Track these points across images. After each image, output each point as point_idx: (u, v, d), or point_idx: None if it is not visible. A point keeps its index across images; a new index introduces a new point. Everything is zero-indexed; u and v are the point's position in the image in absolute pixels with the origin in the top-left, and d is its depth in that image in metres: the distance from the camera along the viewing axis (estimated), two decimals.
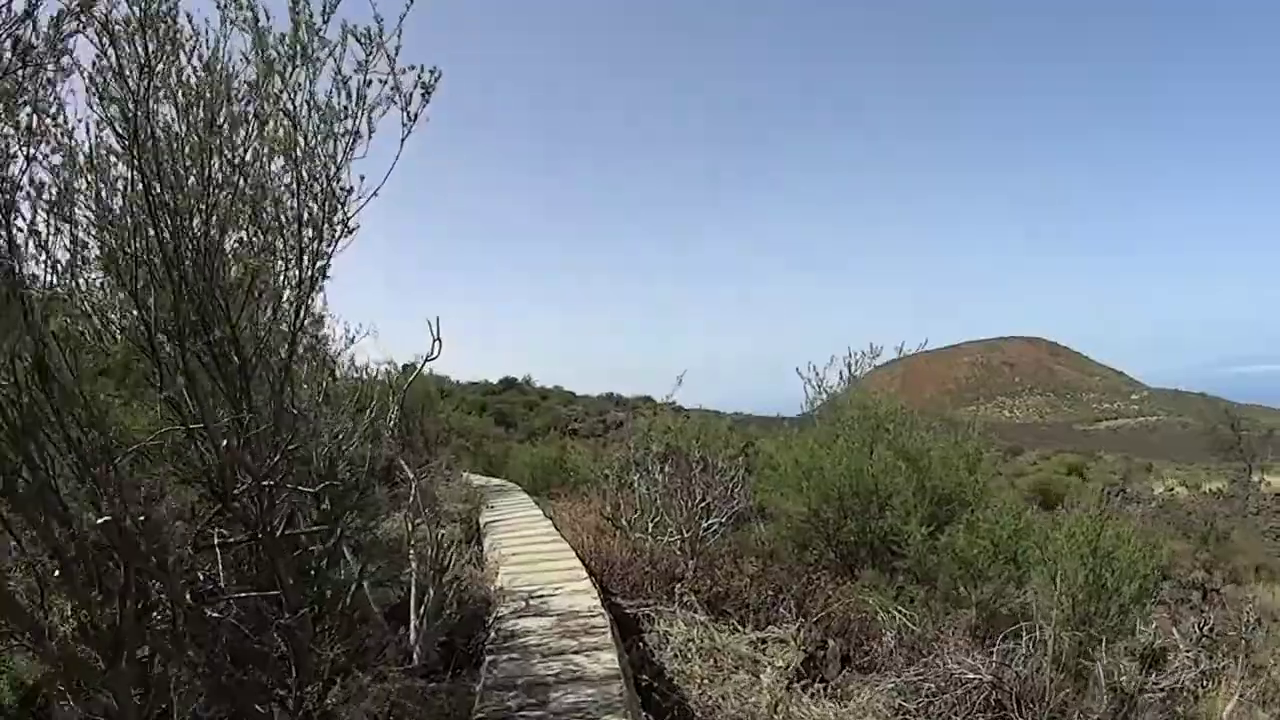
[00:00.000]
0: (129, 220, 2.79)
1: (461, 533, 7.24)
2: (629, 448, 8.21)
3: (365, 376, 11.08)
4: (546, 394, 43.73)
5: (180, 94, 2.79)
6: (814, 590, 8.18)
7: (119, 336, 3.17)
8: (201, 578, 3.07)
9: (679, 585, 6.69)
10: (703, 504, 7.33)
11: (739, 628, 6.80)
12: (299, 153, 2.95)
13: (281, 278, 3.11)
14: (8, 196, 2.44)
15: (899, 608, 7.58)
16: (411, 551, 4.80)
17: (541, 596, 5.40)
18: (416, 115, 2.94)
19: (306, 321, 3.26)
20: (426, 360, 4.37)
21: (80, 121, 2.70)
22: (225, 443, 2.89)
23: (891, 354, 10.19)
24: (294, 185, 2.98)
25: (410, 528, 4.81)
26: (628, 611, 6.35)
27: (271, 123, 2.94)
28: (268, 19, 2.85)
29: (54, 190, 2.70)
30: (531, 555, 6.88)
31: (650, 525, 7.22)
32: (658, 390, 48.35)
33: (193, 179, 2.83)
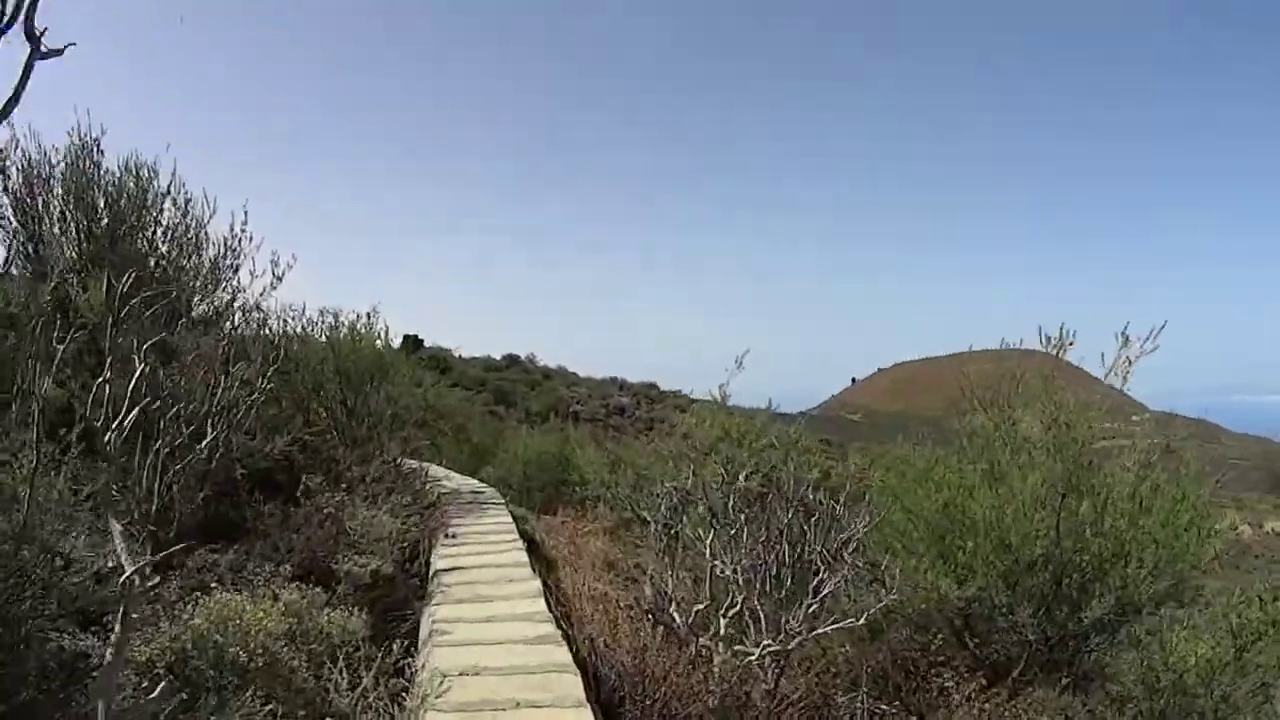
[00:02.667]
0: None
1: (370, 621, 3.84)
2: (682, 468, 4.82)
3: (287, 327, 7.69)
4: (549, 374, 40.76)
5: None
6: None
7: None
8: None
9: None
10: (821, 586, 3.96)
11: None
12: None
13: None
14: None
15: None
16: None
17: None
18: None
19: None
20: None
21: None
22: None
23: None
24: None
25: None
26: None
27: None
28: None
29: None
30: (498, 675, 3.52)
31: (723, 621, 3.87)
32: (659, 379, 45.13)
33: None
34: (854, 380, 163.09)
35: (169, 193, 7.71)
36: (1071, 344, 6.38)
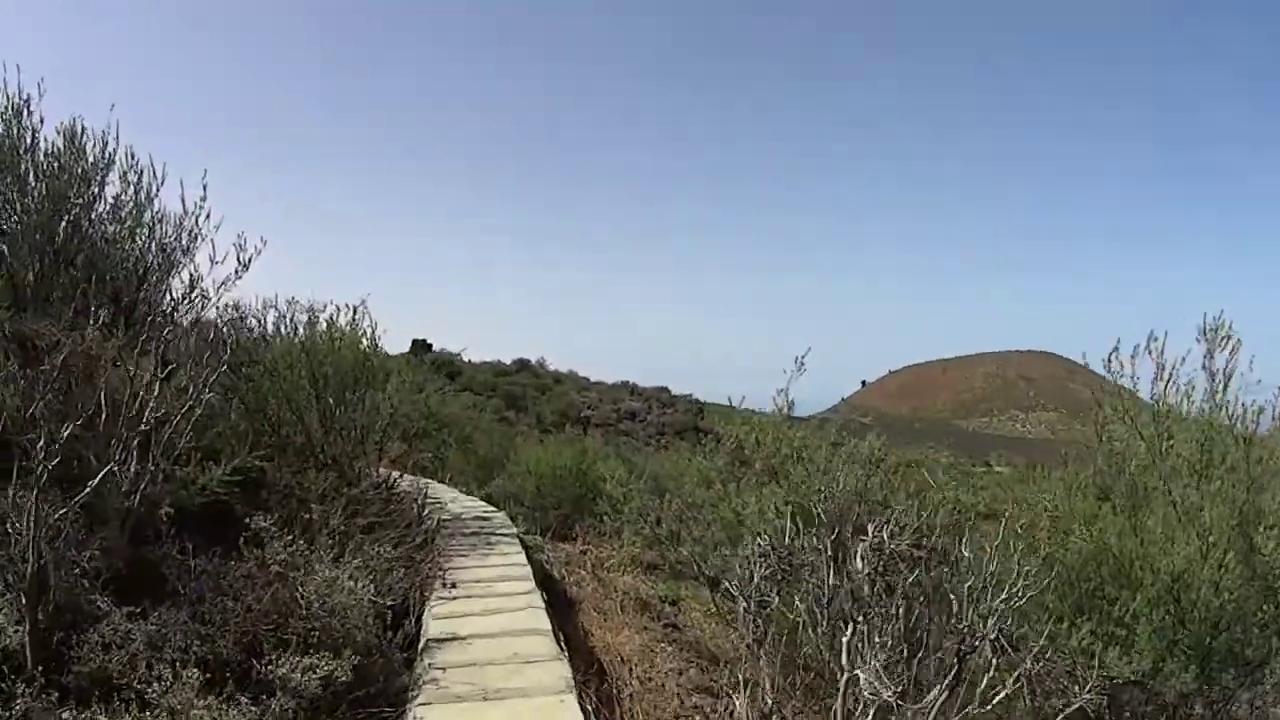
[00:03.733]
0: None
1: None
2: (767, 505, 3.50)
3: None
4: (560, 378, 39.54)
5: None
6: None
7: None
8: None
9: None
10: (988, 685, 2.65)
11: None
12: None
13: None
14: None
15: None
16: None
17: None
18: None
19: None
20: None
21: None
22: None
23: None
24: None
25: None
26: None
27: None
28: None
29: None
30: None
31: None
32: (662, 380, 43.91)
33: None
34: (863, 383, 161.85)
35: (113, 161, 6.45)
36: (1228, 335, 4.97)
